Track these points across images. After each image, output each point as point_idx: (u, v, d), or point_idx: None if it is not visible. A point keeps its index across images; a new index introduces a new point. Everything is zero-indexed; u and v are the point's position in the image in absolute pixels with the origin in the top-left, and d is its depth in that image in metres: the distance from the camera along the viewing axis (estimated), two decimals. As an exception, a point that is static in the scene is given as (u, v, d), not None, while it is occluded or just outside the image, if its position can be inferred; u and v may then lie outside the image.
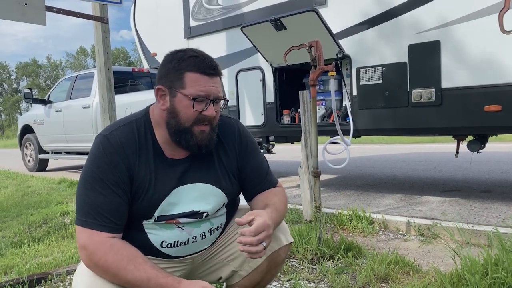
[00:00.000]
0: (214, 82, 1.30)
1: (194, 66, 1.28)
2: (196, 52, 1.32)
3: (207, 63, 1.29)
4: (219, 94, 1.31)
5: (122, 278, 1.20)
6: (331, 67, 2.52)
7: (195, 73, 1.27)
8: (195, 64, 1.28)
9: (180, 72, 1.28)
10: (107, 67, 3.78)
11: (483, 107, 3.15)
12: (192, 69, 1.28)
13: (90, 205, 1.25)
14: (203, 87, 1.28)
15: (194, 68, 1.28)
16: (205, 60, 1.30)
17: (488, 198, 3.87)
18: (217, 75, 1.32)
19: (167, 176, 1.34)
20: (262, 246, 1.23)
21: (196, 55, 1.30)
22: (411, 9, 3.45)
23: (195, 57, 1.29)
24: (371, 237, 2.92)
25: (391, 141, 11.63)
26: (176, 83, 1.29)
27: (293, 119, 4.39)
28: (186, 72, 1.28)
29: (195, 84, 1.27)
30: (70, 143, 7.46)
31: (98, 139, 1.32)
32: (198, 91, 1.27)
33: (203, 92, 1.27)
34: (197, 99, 1.27)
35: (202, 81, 1.28)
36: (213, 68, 1.29)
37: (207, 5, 4.92)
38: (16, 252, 2.89)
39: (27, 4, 3.19)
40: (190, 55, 1.30)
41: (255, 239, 1.22)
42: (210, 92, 1.28)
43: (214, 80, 1.30)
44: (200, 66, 1.28)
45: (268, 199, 1.45)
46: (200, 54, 1.32)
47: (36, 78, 60.90)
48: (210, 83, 1.29)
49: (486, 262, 1.82)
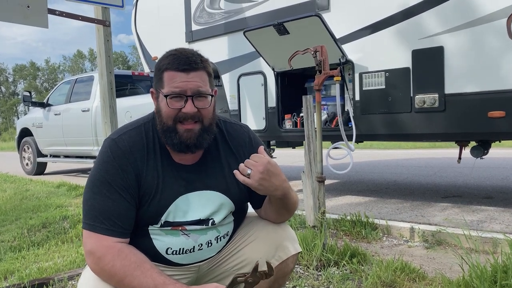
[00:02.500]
0: (192, 77, 1.25)
1: (169, 63, 1.26)
2: (176, 51, 1.30)
3: (182, 59, 1.26)
4: (199, 89, 1.26)
5: (128, 284, 1.18)
6: (336, 72, 2.51)
7: (171, 70, 1.26)
8: (170, 62, 1.27)
9: (160, 72, 1.29)
10: (108, 71, 3.75)
11: (487, 113, 3.15)
12: (168, 67, 1.27)
13: (98, 210, 1.23)
14: (177, 83, 1.25)
15: (169, 65, 1.26)
16: (181, 56, 1.27)
17: (491, 204, 3.86)
18: (194, 69, 1.26)
19: (174, 182, 1.32)
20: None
21: (174, 53, 1.29)
22: (415, 14, 3.45)
23: (173, 55, 1.28)
24: (374, 243, 2.90)
25: (391, 146, 11.63)
26: (158, 84, 1.30)
27: (295, 123, 4.38)
28: (164, 71, 1.28)
29: (170, 82, 1.26)
30: (69, 146, 7.42)
31: (107, 143, 1.30)
32: (172, 88, 1.25)
33: (177, 88, 1.25)
34: (171, 96, 1.25)
35: (177, 77, 1.25)
36: (188, 64, 1.25)
37: (209, 9, 4.92)
38: (16, 257, 2.86)
39: (30, 7, 3.17)
40: (169, 54, 1.30)
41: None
42: (185, 87, 1.25)
43: (191, 75, 1.25)
44: (174, 63, 1.26)
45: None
46: (179, 52, 1.29)
47: (33, 81, 60.82)
48: (186, 79, 1.25)
49: (495, 269, 1.80)
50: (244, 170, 1.26)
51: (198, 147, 1.30)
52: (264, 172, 1.24)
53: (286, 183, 1.32)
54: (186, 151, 1.29)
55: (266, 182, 1.26)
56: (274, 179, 1.27)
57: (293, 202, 1.42)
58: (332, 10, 3.96)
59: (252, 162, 1.26)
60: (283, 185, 1.31)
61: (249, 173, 1.25)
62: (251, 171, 1.25)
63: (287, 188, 1.34)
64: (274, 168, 1.27)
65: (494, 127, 3.16)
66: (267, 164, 1.25)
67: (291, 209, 1.43)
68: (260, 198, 1.47)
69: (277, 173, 1.27)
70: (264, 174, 1.24)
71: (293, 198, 1.41)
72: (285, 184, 1.32)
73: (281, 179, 1.30)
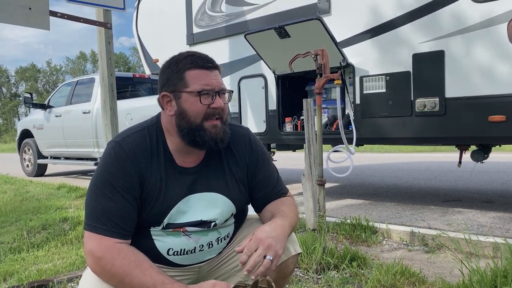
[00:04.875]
0: (215, 75, 1.32)
1: (192, 63, 1.30)
2: (190, 52, 1.35)
3: (203, 58, 1.32)
4: (222, 86, 1.32)
5: (128, 283, 1.18)
6: (337, 76, 2.51)
7: (195, 69, 1.29)
8: (192, 61, 1.30)
9: (180, 72, 1.30)
10: (109, 73, 3.76)
11: (487, 117, 3.15)
12: (191, 67, 1.30)
13: (100, 211, 1.24)
14: (206, 81, 1.29)
15: (192, 65, 1.30)
16: (201, 56, 1.33)
17: (491, 208, 3.86)
18: (216, 68, 1.33)
19: (177, 184, 1.33)
20: (267, 260, 1.18)
21: (191, 54, 1.33)
22: (415, 18, 3.46)
23: (191, 56, 1.32)
24: (374, 247, 2.90)
25: (391, 149, 11.63)
26: (179, 85, 1.30)
27: (296, 126, 4.38)
28: (186, 71, 1.30)
29: (198, 80, 1.29)
30: (70, 148, 7.43)
31: (111, 145, 1.31)
32: (202, 85, 1.28)
33: (207, 85, 1.29)
34: (202, 93, 1.28)
35: (203, 75, 1.29)
36: (211, 62, 1.32)
37: (210, 12, 4.93)
38: (15, 258, 2.85)
39: (31, 9, 3.18)
40: (186, 55, 1.33)
41: (252, 260, 1.17)
42: (213, 84, 1.30)
43: (214, 73, 1.32)
44: (198, 62, 1.30)
45: (276, 208, 1.43)
46: (195, 52, 1.34)
47: (35, 83, 60.95)
48: (211, 76, 1.31)
49: (495, 273, 1.80)
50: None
51: (224, 141, 1.34)
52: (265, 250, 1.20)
53: (282, 228, 1.29)
54: (214, 147, 1.32)
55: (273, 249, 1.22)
56: (279, 246, 1.24)
57: (293, 221, 1.40)
58: (333, 14, 3.97)
59: (260, 251, 1.20)
60: (284, 240, 1.29)
61: (271, 258, 1.19)
62: (270, 254, 1.20)
63: (284, 226, 1.31)
64: (260, 240, 1.21)
65: (494, 131, 3.16)
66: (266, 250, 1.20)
67: (294, 224, 1.44)
68: (261, 202, 1.48)
69: (269, 237, 1.23)
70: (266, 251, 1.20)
71: (292, 218, 1.39)
72: (284, 232, 1.30)
73: (285, 233, 1.29)
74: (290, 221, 1.37)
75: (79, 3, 3.51)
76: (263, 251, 1.19)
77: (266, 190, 1.47)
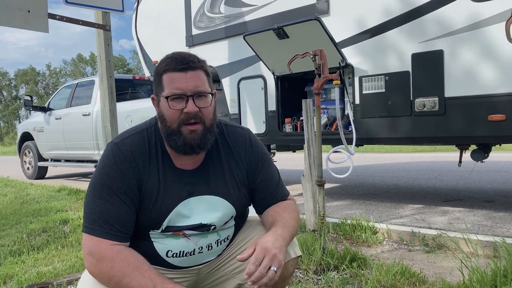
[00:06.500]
0: (191, 76, 1.25)
1: (167, 65, 1.26)
2: (173, 53, 1.30)
3: (179, 59, 1.26)
4: (198, 89, 1.25)
5: (126, 285, 1.18)
6: (335, 76, 2.51)
7: (169, 72, 1.26)
8: (168, 64, 1.26)
9: (159, 76, 1.29)
10: (109, 75, 3.77)
11: (487, 116, 3.14)
12: (166, 70, 1.26)
13: (97, 213, 1.23)
14: (177, 84, 1.24)
15: (167, 67, 1.26)
16: (178, 57, 1.27)
17: (491, 208, 3.85)
18: (192, 69, 1.26)
19: (176, 187, 1.32)
20: (272, 271, 1.18)
21: (170, 56, 1.29)
22: (414, 18, 3.46)
23: (169, 58, 1.28)
24: (375, 247, 2.89)
25: (391, 149, 11.62)
26: (158, 88, 1.29)
27: (295, 127, 4.38)
28: (162, 74, 1.27)
29: (170, 83, 1.25)
30: (70, 150, 7.43)
31: (110, 147, 1.31)
32: (173, 90, 1.25)
33: (177, 89, 1.24)
34: (172, 98, 1.24)
35: (177, 78, 1.25)
36: (186, 63, 1.25)
37: (209, 14, 4.93)
38: (15, 261, 2.85)
39: (30, 12, 3.19)
40: (167, 57, 1.29)
41: (258, 272, 1.17)
42: (185, 88, 1.24)
43: (190, 74, 1.25)
44: (172, 64, 1.25)
45: (278, 214, 1.40)
46: (176, 54, 1.29)
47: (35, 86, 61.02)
48: (185, 79, 1.24)
49: (495, 273, 1.80)
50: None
51: (202, 147, 1.29)
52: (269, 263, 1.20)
53: (284, 238, 1.29)
54: (190, 152, 1.28)
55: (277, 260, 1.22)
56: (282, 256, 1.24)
57: (294, 229, 1.40)
58: (331, 14, 3.97)
59: (266, 262, 1.19)
60: (285, 250, 1.29)
61: (275, 269, 1.19)
62: (274, 265, 1.20)
63: (285, 236, 1.31)
64: (267, 249, 1.21)
65: (494, 130, 3.15)
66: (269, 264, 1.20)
67: (294, 233, 1.43)
68: (262, 203, 1.47)
69: (274, 247, 1.23)
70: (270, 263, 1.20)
71: (293, 227, 1.38)
72: (286, 242, 1.30)
73: (286, 243, 1.29)
74: (291, 230, 1.36)
75: (78, 6, 3.51)
76: (268, 261, 1.19)
77: (267, 192, 1.45)
